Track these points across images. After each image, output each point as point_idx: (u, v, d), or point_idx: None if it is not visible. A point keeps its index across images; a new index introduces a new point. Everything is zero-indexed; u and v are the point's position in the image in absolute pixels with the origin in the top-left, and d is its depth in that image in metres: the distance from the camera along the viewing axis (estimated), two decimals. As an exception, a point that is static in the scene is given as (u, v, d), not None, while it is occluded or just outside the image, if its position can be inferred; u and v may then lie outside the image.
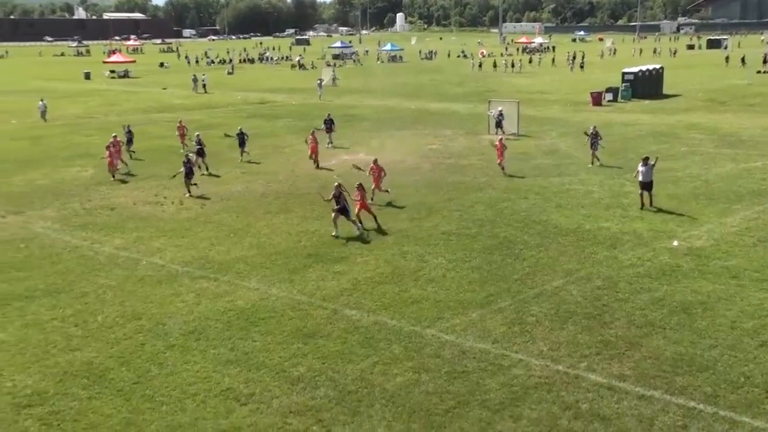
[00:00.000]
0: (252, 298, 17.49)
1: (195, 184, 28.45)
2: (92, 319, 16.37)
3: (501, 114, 41.16)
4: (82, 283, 18.74)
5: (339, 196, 22.08)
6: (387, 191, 26.59)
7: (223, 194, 28.35)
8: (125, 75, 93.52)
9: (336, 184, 22.42)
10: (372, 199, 25.27)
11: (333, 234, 22.21)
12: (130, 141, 37.16)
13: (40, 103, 52.21)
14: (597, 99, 55.67)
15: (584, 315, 16.15)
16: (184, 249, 21.51)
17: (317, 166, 33.04)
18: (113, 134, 33.65)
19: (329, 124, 39.38)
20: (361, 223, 22.66)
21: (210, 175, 31.75)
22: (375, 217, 23.10)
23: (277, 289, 18.11)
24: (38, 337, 15.47)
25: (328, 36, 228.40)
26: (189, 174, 28.32)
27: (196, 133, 33.86)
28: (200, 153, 32.68)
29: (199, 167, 31.79)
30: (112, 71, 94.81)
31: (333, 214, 22.30)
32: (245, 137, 35.38)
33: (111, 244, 22.19)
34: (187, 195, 28.00)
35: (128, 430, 11.74)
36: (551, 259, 19.90)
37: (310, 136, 33.64)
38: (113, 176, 31.54)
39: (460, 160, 34.47)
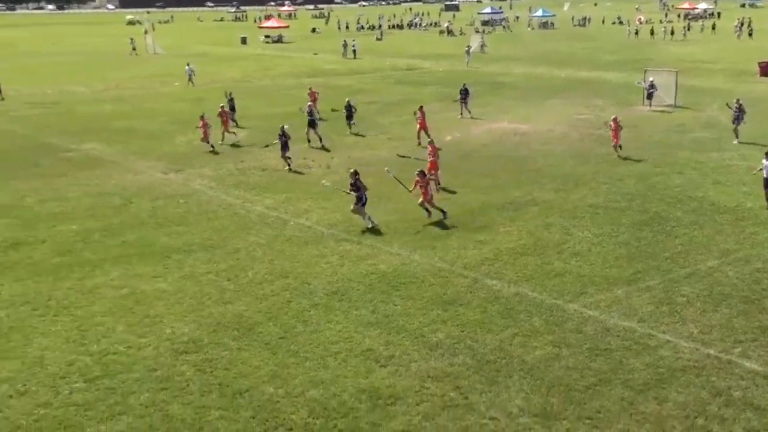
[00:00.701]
0: (394, 263, 17.74)
1: (290, 158, 27.65)
2: (243, 275, 17.17)
3: (652, 85, 39.19)
4: (234, 239, 19.67)
5: (355, 184, 20.41)
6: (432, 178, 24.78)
7: (368, 159, 28.77)
8: (279, 40, 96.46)
9: (352, 171, 20.85)
10: (438, 184, 23.81)
11: (368, 226, 20.22)
12: (232, 109, 37.97)
13: (187, 67, 54.67)
14: (766, 69, 51.83)
15: (740, 298, 15.26)
16: (329, 211, 22.08)
17: (419, 143, 30.49)
18: (220, 104, 33.95)
19: (464, 95, 38.48)
20: (429, 212, 20.74)
21: (322, 148, 31.01)
22: (429, 212, 20.79)
23: (418, 255, 18.27)
24: (194, 288, 16.42)
25: (478, 1, 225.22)
26: (284, 147, 27.46)
27: (308, 103, 33.24)
28: (312, 124, 31.61)
29: (309, 141, 31.26)
30: (267, 36, 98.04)
31: (355, 207, 20.38)
32: (353, 110, 34.59)
33: (262, 203, 23.12)
34: (286, 168, 27.38)
35: (274, 382, 12.28)
36: (706, 238, 18.89)
37: (419, 112, 31.43)
38: (212, 146, 31.07)
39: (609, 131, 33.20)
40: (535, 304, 15.28)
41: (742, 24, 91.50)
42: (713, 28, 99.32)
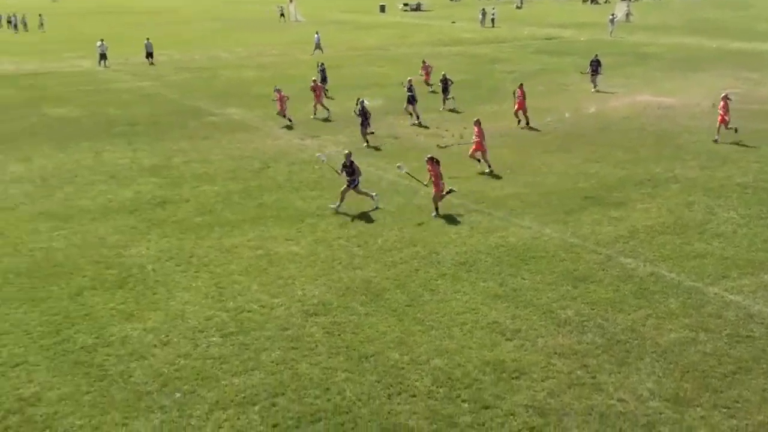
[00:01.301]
0: (524, 236, 17.46)
1: (372, 133, 27.19)
2: (373, 241, 17.41)
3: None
4: (365, 205, 19.93)
5: (351, 166, 19.53)
6: (478, 160, 23.40)
7: (502, 130, 28.34)
8: (417, 8, 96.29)
9: (346, 152, 20.01)
10: (490, 167, 22.77)
11: (335, 206, 19.48)
12: (324, 79, 38.00)
13: (316, 36, 55.44)
14: None
15: None
16: (460, 181, 21.94)
17: (527, 123, 29.31)
18: (312, 78, 33.54)
19: (595, 66, 36.83)
20: (437, 209, 19.10)
21: (419, 125, 30.19)
22: (437, 207, 19.15)
23: (550, 229, 17.89)
24: (326, 252, 16.82)
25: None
26: (364, 122, 26.83)
27: (408, 78, 31.96)
28: (411, 100, 30.42)
29: (411, 114, 30.50)
30: (406, 4, 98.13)
31: (345, 188, 19.55)
32: (449, 83, 33.42)
33: (393, 171, 23.27)
34: (365, 145, 26.67)
35: (399, 348, 12.43)
36: None
37: (519, 90, 29.32)
38: (290, 120, 30.45)
39: (765, 106, 31.13)
40: (672, 285, 14.63)
41: None
42: None
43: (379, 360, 12.09)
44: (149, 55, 51.97)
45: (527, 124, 29.12)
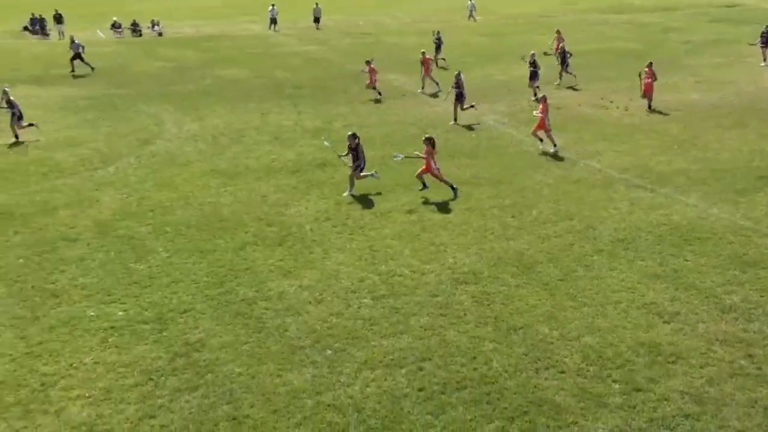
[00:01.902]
0: (689, 215, 16.55)
1: (472, 106, 25.83)
2: (527, 213, 17.11)
3: None
4: (521, 177, 19.61)
5: (355, 149, 18.50)
6: (541, 140, 22.03)
7: (672, 103, 26.87)
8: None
9: (350, 134, 18.94)
10: (555, 145, 21.52)
11: (349, 193, 18.44)
12: (438, 49, 36.71)
13: (469, 3, 54.43)
14: None
15: None
16: (623, 155, 21.10)
17: (648, 106, 26.47)
18: (422, 50, 32.29)
19: (766, 38, 33.67)
20: (424, 185, 18.45)
21: (536, 100, 28.36)
22: (450, 185, 18.40)
23: (718, 209, 16.85)
24: (478, 221, 16.72)
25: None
26: (459, 97, 25.48)
27: (531, 52, 29.78)
28: (533, 76, 28.74)
29: (535, 94, 28.43)
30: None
31: (354, 173, 18.55)
32: (567, 56, 31.24)
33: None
34: (452, 123, 25.35)
35: (549, 323, 12.21)
36: None
37: (647, 69, 26.35)
38: (379, 93, 29.55)
39: None
40: None
41: None
42: None
43: (528, 333, 11.94)
44: (316, 20, 53.38)
45: (649, 107, 26.45)
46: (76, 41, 36.67)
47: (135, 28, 51.41)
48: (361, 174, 18.60)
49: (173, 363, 11.25)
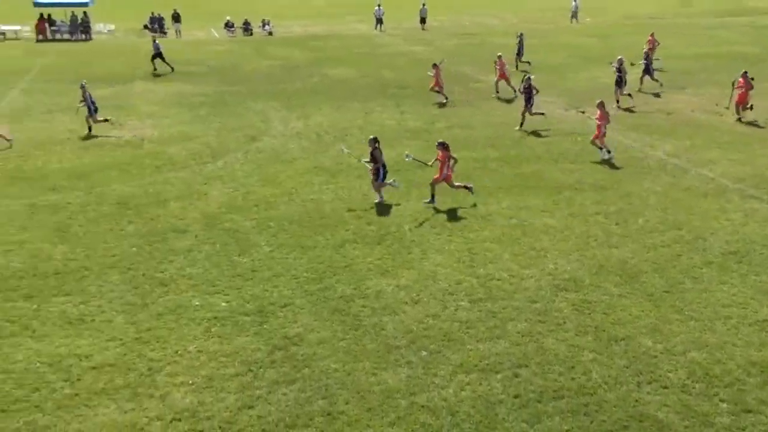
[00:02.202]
0: (809, 229, 15.67)
1: (541, 114, 24.99)
2: (633, 221, 16.60)
3: None
4: (628, 183, 19.05)
5: (372, 154, 17.96)
6: (601, 148, 20.99)
7: (794, 109, 25.50)
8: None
9: (371, 138, 18.36)
10: (609, 153, 20.52)
11: (377, 201, 18.04)
12: (519, 52, 35.54)
13: (573, 3, 53.07)
14: None
15: None
16: (738, 164, 20.18)
17: (738, 119, 24.91)
18: (498, 53, 31.10)
19: None
20: (432, 198, 17.87)
21: (622, 108, 26.36)
22: (464, 187, 18.00)
23: (842, 224, 15.88)
24: (581, 228, 16.34)
25: None
26: (528, 101, 24.51)
27: (618, 57, 28.18)
28: (618, 82, 27.43)
29: (617, 101, 27.24)
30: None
31: (377, 183, 18.07)
32: (650, 61, 29.55)
33: (662, 148, 21.97)
34: (517, 128, 24.62)
35: (653, 336, 11.80)
36: None
37: (741, 78, 24.73)
38: (446, 98, 29.01)
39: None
40: None
41: None
42: None
43: (630, 345, 11.58)
44: (422, 20, 53.50)
45: (739, 119, 24.90)
46: (157, 41, 37.91)
47: (246, 28, 52.92)
48: (384, 182, 18.15)
49: (272, 356, 11.51)
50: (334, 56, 42.00)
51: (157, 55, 36.97)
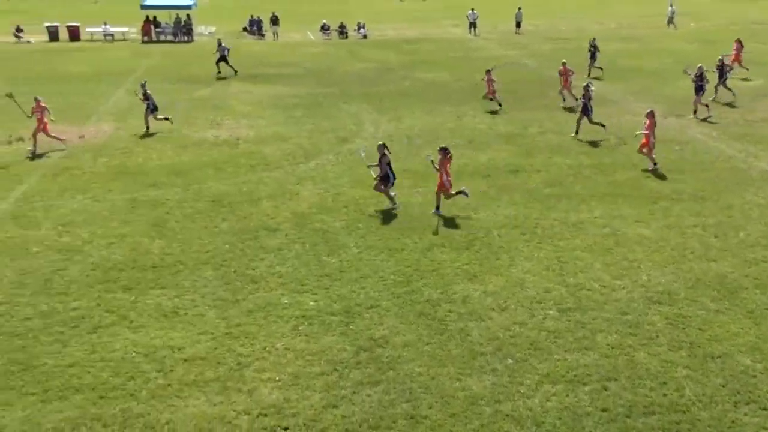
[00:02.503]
0: None
1: (600, 124, 24.06)
2: (733, 234, 15.95)
3: None
4: (728, 194, 18.32)
5: (381, 159, 17.72)
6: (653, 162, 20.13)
7: None
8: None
9: (380, 144, 18.14)
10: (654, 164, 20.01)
11: (392, 208, 17.86)
12: (593, 57, 34.01)
13: (669, 8, 51.24)
14: None
15: None
16: None
17: None
18: (563, 61, 29.90)
19: None
20: (438, 208, 17.57)
21: (700, 118, 25.81)
22: (460, 192, 17.67)
23: None
24: (677, 239, 15.80)
25: None
26: (585, 109, 23.77)
27: (699, 65, 26.37)
28: (698, 90, 25.86)
29: (695, 111, 25.86)
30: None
31: (376, 183, 17.92)
32: (726, 69, 27.71)
33: (766, 159, 21.02)
34: (573, 135, 24.00)
35: (753, 354, 11.29)
36: None
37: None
38: (500, 104, 28.47)
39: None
40: None
41: None
42: None
43: (727, 363, 11.12)
44: (518, 24, 52.96)
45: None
46: (223, 44, 38.42)
47: (342, 30, 53.61)
48: (385, 189, 18.01)
49: (357, 356, 11.59)
50: (427, 59, 42.04)
51: (222, 58, 37.47)
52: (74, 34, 51.14)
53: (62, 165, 21.82)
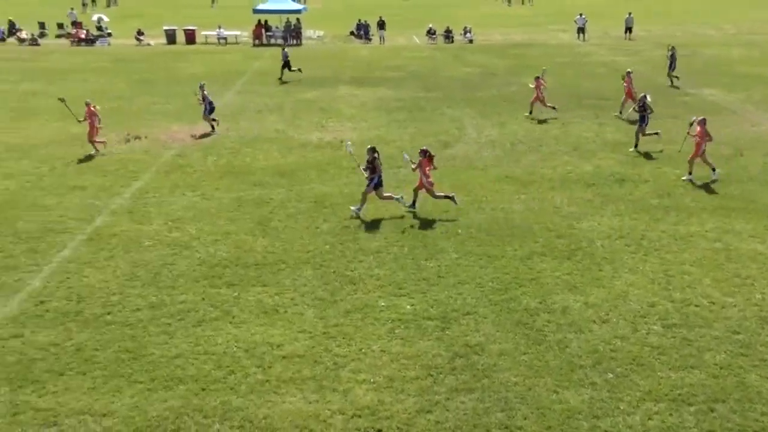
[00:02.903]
0: None
1: (655, 134, 23.08)
2: None
3: None
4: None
5: (372, 163, 17.67)
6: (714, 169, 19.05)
7: None
8: None
9: (369, 147, 17.99)
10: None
11: (352, 213, 17.85)
12: (671, 66, 32.09)
13: None
14: None
15: None
16: None
17: None
18: (627, 70, 28.28)
19: None
20: (414, 204, 18.11)
21: None
22: (446, 196, 17.92)
23: None
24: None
25: None
26: (642, 120, 22.73)
27: None
28: None
29: None
30: None
31: (366, 189, 17.88)
32: None
33: None
34: (632, 150, 22.83)
35: None
36: None
37: None
38: (553, 108, 27.83)
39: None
40: None
41: None
42: None
43: None
44: (628, 29, 51.50)
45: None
46: (285, 50, 38.66)
47: (448, 35, 53.54)
48: (385, 194, 18.00)
49: (452, 362, 11.53)
50: (533, 65, 41.40)
51: (286, 64, 37.59)
52: (190, 38, 53.15)
53: (175, 163, 22.71)
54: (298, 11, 54.63)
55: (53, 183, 20.69)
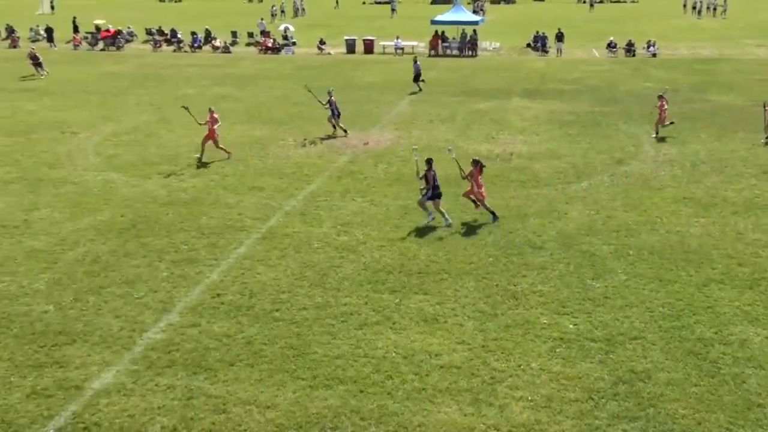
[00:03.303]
0: None
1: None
2: None
3: None
4: None
5: (425, 176, 17.78)
6: None
7: None
8: None
9: (426, 159, 18.10)
10: None
11: (427, 221, 18.03)
12: None
13: None
14: None
15: None
16: None
17: None
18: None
19: None
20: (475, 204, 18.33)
21: None
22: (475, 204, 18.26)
23: None
24: None
25: None
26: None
27: None
28: None
29: None
30: None
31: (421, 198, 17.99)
32: None
33: None
34: None
35: None
36: None
37: None
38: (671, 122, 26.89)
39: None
40: None
41: None
42: None
43: None
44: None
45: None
46: (418, 62, 37.88)
47: (629, 48, 51.62)
48: (439, 209, 18.01)
49: (615, 387, 11.09)
50: (722, 81, 39.06)
51: (417, 76, 37.25)
52: (369, 47, 54.64)
53: (347, 169, 23.42)
54: (474, 23, 54.75)
55: (235, 183, 21.97)
